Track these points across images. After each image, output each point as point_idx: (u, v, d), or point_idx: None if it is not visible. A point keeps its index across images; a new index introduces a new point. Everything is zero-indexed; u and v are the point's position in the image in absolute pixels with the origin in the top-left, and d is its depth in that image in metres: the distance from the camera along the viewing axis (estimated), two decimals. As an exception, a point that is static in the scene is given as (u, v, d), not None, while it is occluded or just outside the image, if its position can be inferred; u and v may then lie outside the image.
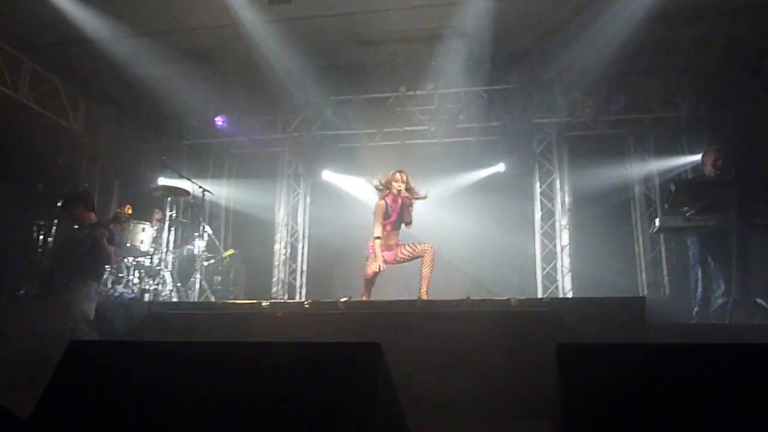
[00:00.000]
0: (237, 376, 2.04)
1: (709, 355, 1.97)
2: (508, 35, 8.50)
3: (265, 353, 2.15)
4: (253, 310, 5.48)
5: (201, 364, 2.12)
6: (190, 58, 8.95)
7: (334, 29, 8.71)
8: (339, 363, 1.97)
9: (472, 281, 9.14)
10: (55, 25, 8.09)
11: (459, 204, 9.84)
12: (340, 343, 2.09)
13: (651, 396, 1.83)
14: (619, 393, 1.84)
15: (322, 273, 10.37)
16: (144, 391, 2.05)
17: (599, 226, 9.39)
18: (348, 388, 1.87)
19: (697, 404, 1.81)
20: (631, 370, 1.91)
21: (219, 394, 1.99)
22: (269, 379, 2.01)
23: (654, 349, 2.04)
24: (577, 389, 1.85)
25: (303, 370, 1.99)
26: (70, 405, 2.02)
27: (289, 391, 1.94)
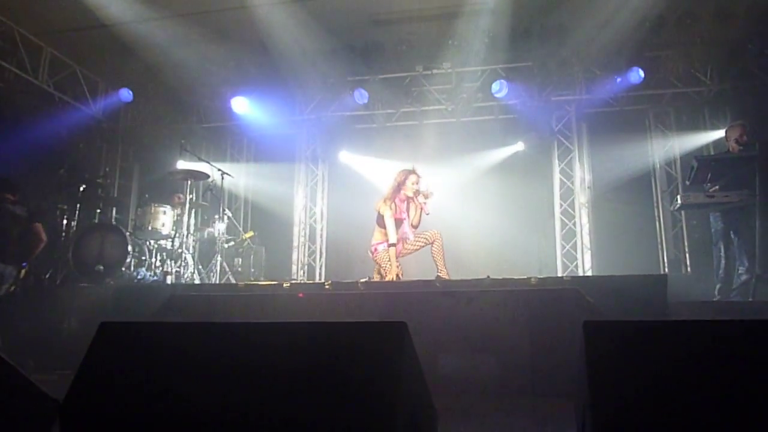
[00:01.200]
0: (263, 356, 2.07)
1: (733, 332, 1.96)
2: (525, 12, 8.38)
3: (290, 333, 2.18)
4: (274, 291, 5.54)
5: (227, 344, 2.16)
6: (207, 41, 8.95)
7: (349, 9, 8.64)
8: (366, 342, 1.99)
9: (492, 260, 9.12)
10: (73, 11, 8.12)
11: (478, 183, 9.83)
12: (367, 323, 2.11)
13: (676, 373, 1.83)
14: (644, 370, 1.85)
15: (341, 254, 10.42)
16: (173, 371, 2.09)
17: (619, 204, 9.32)
18: (376, 367, 1.89)
19: (721, 381, 1.81)
20: (657, 347, 1.91)
21: (245, 374, 2.02)
22: (295, 359, 2.04)
23: (679, 326, 2.04)
24: (603, 366, 1.86)
25: (329, 350, 2.02)
26: (103, 386, 2.07)
27: (315, 371, 1.96)
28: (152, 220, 8.07)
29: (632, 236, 9.21)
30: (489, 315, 4.30)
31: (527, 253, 9.56)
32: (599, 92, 9.19)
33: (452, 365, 3.99)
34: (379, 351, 1.93)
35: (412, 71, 9.78)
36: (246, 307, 5.18)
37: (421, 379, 2.14)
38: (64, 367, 4.27)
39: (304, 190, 11.20)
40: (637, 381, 1.82)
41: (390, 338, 1.96)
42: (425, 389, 2.18)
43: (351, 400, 1.87)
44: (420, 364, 2.11)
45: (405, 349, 1.94)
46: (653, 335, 1.96)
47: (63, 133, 9.19)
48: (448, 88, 9.77)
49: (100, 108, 10.15)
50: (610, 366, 1.86)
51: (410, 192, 6.47)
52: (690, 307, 5.26)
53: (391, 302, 4.82)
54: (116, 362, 2.11)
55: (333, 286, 5.44)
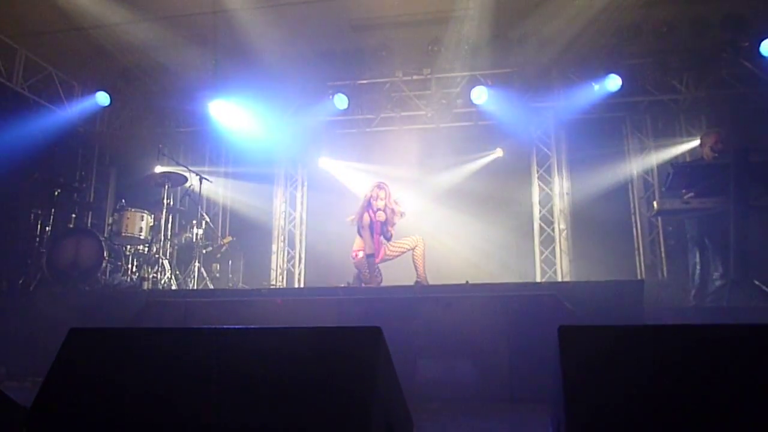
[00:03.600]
0: (237, 362, 2.04)
1: (707, 337, 1.98)
2: (504, 19, 8.43)
3: (266, 339, 2.16)
4: (252, 297, 5.49)
5: (200, 350, 2.12)
6: (185, 44, 8.88)
7: (329, 14, 8.62)
8: (340, 348, 1.98)
9: (471, 266, 9.14)
10: (48, 13, 8.01)
11: (457, 189, 9.86)
12: (341, 328, 2.10)
13: (651, 377, 1.84)
14: (619, 375, 1.85)
15: (321, 260, 10.37)
16: (144, 378, 2.06)
17: (597, 210, 9.39)
18: (349, 373, 1.87)
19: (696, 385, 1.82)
20: (632, 351, 1.92)
21: (219, 381, 1.99)
22: (270, 364, 2.01)
23: (654, 330, 2.05)
24: (579, 371, 1.86)
25: (304, 355, 1.99)
26: (71, 393, 2.02)
27: (289, 377, 1.94)
28: (129, 225, 7.96)
29: (610, 242, 9.28)
30: (468, 320, 4.30)
31: (506, 259, 9.59)
32: (577, 99, 9.26)
33: (430, 370, 3.98)
34: (353, 356, 1.91)
35: (392, 77, 9.80)
36: (223, 313, 5.13)
37: (397, 384, 2.12)
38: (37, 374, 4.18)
39: (284, 195, 11.15)
40: (612, 386, 1.83)
41: (365, 344, 1.94)
42: (400, 395, 2.17)
43: (325, 406, 1.84)
44: (395, 370, 2.10)
45: (380, 354, 1.92)
46: (628, 340, 1.96)
47: (38, 137, 9.04)
48: (428, 94, 9.80)
49: (76, 111, 9.99)
50: (586, 371, 1.86)
51: (379, 206, 6.53)
52: (666, 312, 5.32)
53: (369, 307, 4.80)
54: (85, 369, 2.07)
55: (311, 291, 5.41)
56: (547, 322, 4.04)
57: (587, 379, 1.84)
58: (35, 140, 9.00)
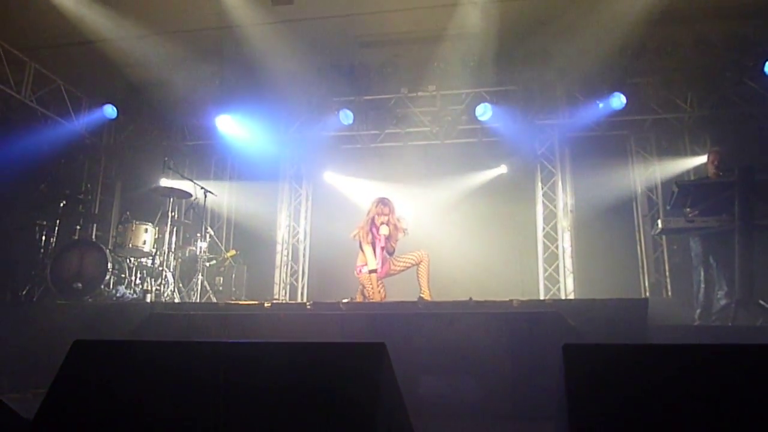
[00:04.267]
0: (240, 376, 2.04)
1: (712, 356, 1.96)
2: (509, 37, 8.49)
3: (269, 353, 2.15)
4: (255, 311, 5.48)
5: (203, 363, 2.12)
6: (192, 59, 8.96)
7: (335, 31, 8.71)
8: (343, 363, 1.97)
9: (475, 282, 9.12)
10: (57, 26, 8.10)
11: (461, 205, 9.87)
12: (345, 344, 2.09)
13: (656, 397, 1.83)
14: (624, 394, 1.84)
15: (324, 274, 10.37)
16: (147, 391, 2.05)
17: (601, 228, 9.38)
18: (353, 388, 1.87)
19: (701, 405, 1.81)
20: (637, 371, 1.91)
21: (222, 395, 1.99)
22: (273, 379, 2.01)
23: (659, 350, 2.04)
24: (583, 390, 1.85)
25: (307, 370, 1.99)
26: (74, 405, 2.02)
27: (293, 391, 1.94)
28: (133, 237, 7.98)
29: (614, 260, 9.26)
30: (471, 337, 4.29)
31: (510, 276, 9.56)
32: (582, 117, 9.30)
33: (433, 387, 3.96)
34: (357, 372, 1.91)
35: (397, 93, 9.85)
36: (226, 326, 5.12)
37: (400, 400, 2.12)
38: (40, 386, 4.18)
39: (288, 210, 11.18)
40: (616, 405, 1.82)
41: (369, 359, 1.94)
42: (403, 410, 2.16)
43: (329, 421, 1.84)
44: (398, 385, 2.09)
45: (383, 369, 1.92)
46: (633, 359, 1.96)
47: (45, 149, 9.10)
48: (433, 111, 9.84)
49: (83, 124, 10.08)
50: (590, 389, 1.85)
51: (383, 221, 6.54)
52: (670, 331, 5.29)
53: (372, 323, 4.79)
54: (88, 380, 2.07)
55: (314, 306, 5.40)
56: (551, 340, 4.04)
57: (591, 397, 1.83)
58: (42, 152, 9.07)
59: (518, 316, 4.50)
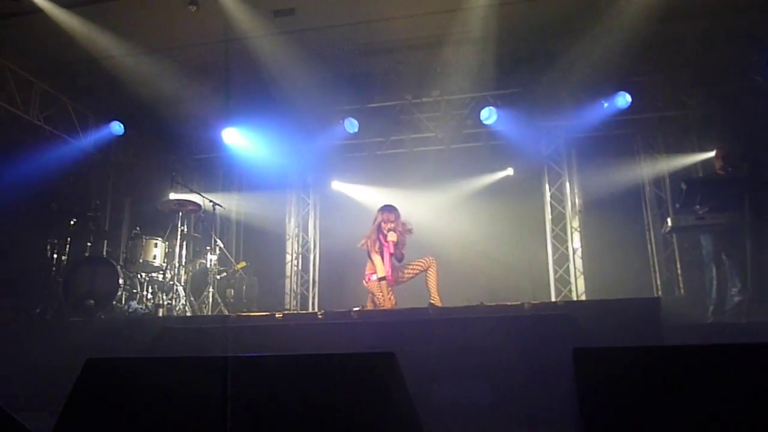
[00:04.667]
0: (250, 391, 2.04)
1: (726, 356, 1.95)
2: (512, 39, 8.48)
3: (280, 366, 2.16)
4: (266, 323, 5.49)
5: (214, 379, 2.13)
6: (197, 72, 9.02)
7: (338, 40, 8.73)
8: (354, 374, 1.97)
9: (485, 287, 9.09)
10: (62, 46, 8.16)
11: (468, 210, 9.84)
12: (354, 354, 2.10)
13: (669, 399, 1.82)
14: (636, 397, 1.83)
15: (334, 283, 10.37)
16: (159, 408, 2.06)
17: (611, 228, 9.34)
18: (363, 400, 1.87)
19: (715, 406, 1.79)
20: (648, 373, 1.89)
21: (234, 409, 1.99)
22: (284, 392, 2.01)
23: (670, 351, 2.03)
24: (594, 394, 1.84)
25: (318, 383, 1.99)
26: (88, 423, 2.03)
27: (304, 404, 1.94)
28: (144, 252, 8.02)
29: (625, 259, 9.21)
30: (482, 342, 4.28)
31: (520, 279, 9.53)
32: (587, 117, 9.26)
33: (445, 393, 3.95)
34: (367, 383, 1.91)
35: (402, 100, 9.86)
36: (239, 338, 5.14)
37: (412, 408, 2.11)
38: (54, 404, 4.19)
39: (296, 220, 11.20)
40: (628, 408, 1.81)
41: (379, 370, 1.94)
42: (416, 419, 2.15)
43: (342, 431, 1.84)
44: (409, 394, 2.09)
45: (394, 379, 1.92)
46: (644, 362, 1.94)
47: (54, 167, 9.15)
48: (438, 116, 9.84)
49: (90, 141, 10.14)
50: (601, 393, 1.84)
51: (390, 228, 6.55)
52: (684, 330, 5.25)
53: (383, 331, 4.79)
54: (102, 399, 2.08)
55: (326, 315, 5.41)
56: (563, 343, 4.02)
57: (603, 401, 1.82)
58: (51, 170, 9.12)
59: (530, 319, 4.49)
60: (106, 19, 7.98)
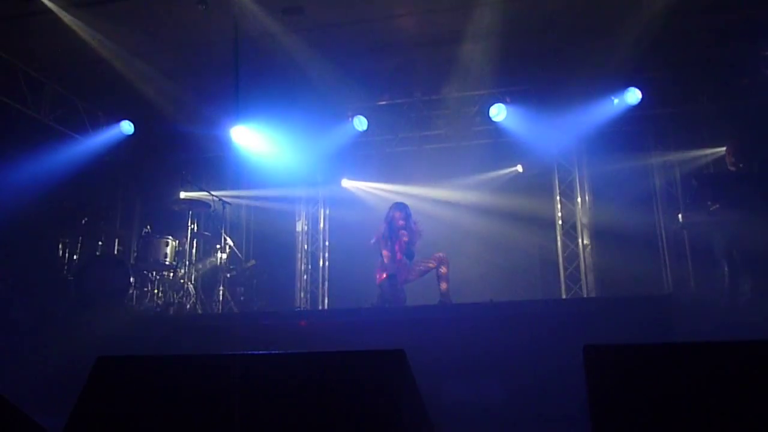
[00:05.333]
0: (262, 388, 2.05)
1: (738, 353, 1.93)
2: (522, 36, 8.44)
3: (290, 364, 2.16)
4: (277, 320, 5.51)
5: (226, 376, 2.13)
6: (206, 71, 9.04)
7: (347, 37, 8.72)
8: (363, 372, 1.97)
9: (494, 284, 9.08)
10: (73, 47, 8.20)
11: (478, 207, 9.82)
12: (363, 352, 2.09)
13: (680, 397, 1.81)
14: (647, 394, 1.82)
15: (345, 281, 10.37)
16: (170, 405, 2.07)
17: (621, 224, 9.28)
18: (373, 397, 1.87)
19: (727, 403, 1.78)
20: (659, 370, 1.88)
21: (245, 406, 2.00)
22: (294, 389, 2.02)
23: (681, 348, 2.01)
24: (605, 391, 1.84)
25: (328, 380, 2.00)
26: (100, 421, 2.04)
27: (314, 402, 1.94)
28: (154, 251, 8.07)
29: (635, 256, 9.14)
30: (492, 339, 4.27)
31: (530, 276, 9.51)
32: (597, 113, 9.21)
33: (456, 391, 3.95)
34: (376, 381, 1.91)
35: (411, 97, 9.85)
36: (249, 336, 5.15)
37: (422, 406, 2.11)
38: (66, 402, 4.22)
39: (306, 218, 11.21)
40: (639, 405, 1.80)
41: (388, 367, 1.94)
42: (426, 417, 2.15)
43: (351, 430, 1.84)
44: (419, 391, 2.09)
45: (403, 377, 1.92)
46: (654, 358, 1.93)
47: (64, 166, 9.22)
48: (447, 113, 9.83)
49: (101, 141, 10.18)
50: (612, 390, 1.83)
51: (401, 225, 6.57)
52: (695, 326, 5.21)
53: (394, 328, 4.79)
54: (113, 397, 2.09)
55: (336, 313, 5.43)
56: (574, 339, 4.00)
57: (614, 398, 1.81)
58: (62, 170, 9.18)
59: (540, 316, 4.48)
60: (115, 19, 8.00)
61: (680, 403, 1.79)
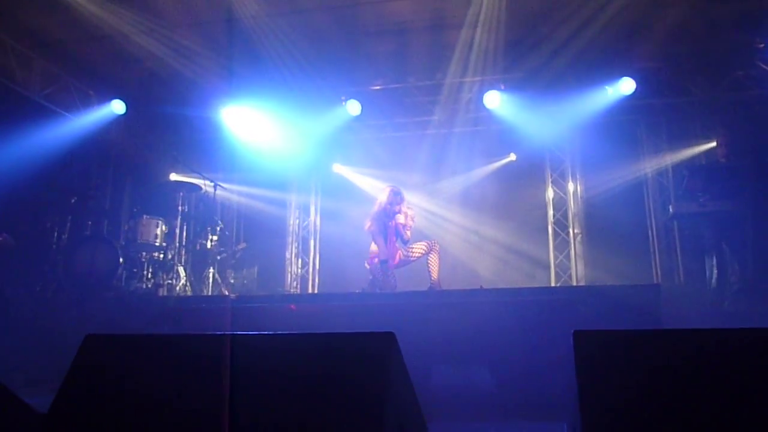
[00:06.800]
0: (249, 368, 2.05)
1: (725, 341, 1.95)
2: (517, 23, 8.40)
3: (279, 344, 2.16)
4: (266, 303, 5.51)
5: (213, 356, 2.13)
6: (200, 52, 8.95)
7: (341, 21, 8.65)
8: (352, 353, 1.97)
9: (485, 271, 9.12)
10: (64, 23, 8.11)
11: (470, 194, 9.85)
12: (354, 334, 2.09)
13: (668, 382, 1.82)
14: (635, 379, 1.83)
15: (335, 265, 10.38)
16: (158, 384, 2.07)
17: (612, 213, 9.32)
18: (362, 378, 1.87)
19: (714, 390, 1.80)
20: (648, 356, 1.90)
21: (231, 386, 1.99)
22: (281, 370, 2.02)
23: (669, 335, 2.02)
24: (594, 376, 1.85)
25: (317, 361, 1.99)
26: (87, 399, 2.04)
27: (303, 382, 1.94)
28: (144, 232, 8.03)
29: (625, 246, 9.20)
30: (482, 326, 4.28)
31: (520, 264, 9.54)
32: (591, 103, 9.21)
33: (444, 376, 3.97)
34: (366, 362, 1.91)
35: (405, 82, 9.81)
36: (238, 319, 5.15)
37: (410, 389, 2.12)
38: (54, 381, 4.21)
39: (297, 202, 11.18)
40: (627, 391, 1.81)
41: (378, 349, 1.94)
42: (414, 399, 2.16)
43: (338, 411, 1.84)
44: (408, 375, 2.09)
45: (393, 359, 1.92)
46: (643, 344, 1.94)
47: (54, 145, 9.12)
48: (441, 99, 9.79)
49: (92, 120, 10.06)
50: (601, 376, 1.84)
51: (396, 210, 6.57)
52: (683, 317, 5.26)
53: (383, 313, 4.79)
54: (101, 375, 2.08)
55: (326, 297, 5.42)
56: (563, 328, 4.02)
57: (602, 384, 1.82)
58: (52, 148, 9.09)
59: (529, 304, 4.49)
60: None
61: (667, 388, 1.80)
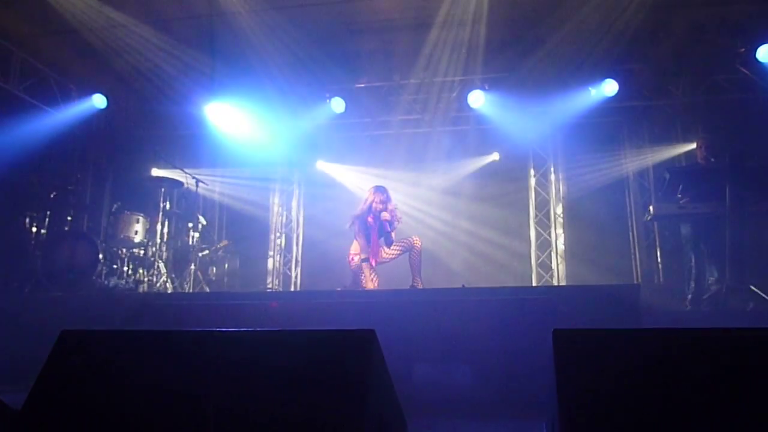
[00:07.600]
0: (230, 365, 2.03)
1: (703, 341, 1.97)
2: (502, 23, 8.44)
3: (259, 341, 2.15)
4: (247, 301, 5.47)
5: (193, 352, 2.11)
6: (182, 47, 8.88)
7: (326, 17, 8.62)
8: (333, 350, 1.97)
9: (467, 270, 9.14)
10: (44, 15, 8.00)
11: (453, 193, 9.86)
12: (334, 331, 2.08)
13: (646, 381, 1.83)
14: (614, 378, 1.84)
15: (317, 262, 10.35)
16: (137, 381, 2.04)
17: (594, 214, 9.40)
18: (342, 375, 1.86)
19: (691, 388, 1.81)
20: (627, 355, 1.91)
21: (212, 383, 1.98)
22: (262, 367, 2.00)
23: (649, 334, 2.04)
24: (573, 374, 1.85)
25: (297, 358, 1.98)
26: (62, 395, 2.01)
27: (283, 379, 1.93)
28: (125, 227, 7.95)
29: (606, 246, 9.28)
30: (463, 324, 4.29)
31: (502, 263, 9.58)
32: (574, 104, 9.26)
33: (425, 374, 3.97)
34: (346, 359, 1.90)
35: (389, 80, 9.80)
36: (219, 316, 5.11)
37: (390, 387, 2.11)
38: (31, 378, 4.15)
39: (281, 198, 11.13)
40: (606, 389, 1.82)
41: (358, 346, 1.93)
42: (394, 397, 2.16)
43: (318, 408, 1.83)
44: (388, 372, 2.09)
45: (373, 356, 1.91)
46: (623, 343, 1.96)
47: (33, 139, 8.99)
48: (425, 98, 9.80)
49: (72, 114, 9.92)
50: (580, 374, 1.85)
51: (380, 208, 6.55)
52: (662, 316, 5.31)
53: (365, 311, 4.78)
54: (76, 370, 2.05)
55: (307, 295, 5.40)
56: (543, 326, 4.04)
57: (581, 382, 1.83)
58: (31, 142, 8.96)
59: (511, 302, 4.51)
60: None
61: (646, 387, 1.81)
